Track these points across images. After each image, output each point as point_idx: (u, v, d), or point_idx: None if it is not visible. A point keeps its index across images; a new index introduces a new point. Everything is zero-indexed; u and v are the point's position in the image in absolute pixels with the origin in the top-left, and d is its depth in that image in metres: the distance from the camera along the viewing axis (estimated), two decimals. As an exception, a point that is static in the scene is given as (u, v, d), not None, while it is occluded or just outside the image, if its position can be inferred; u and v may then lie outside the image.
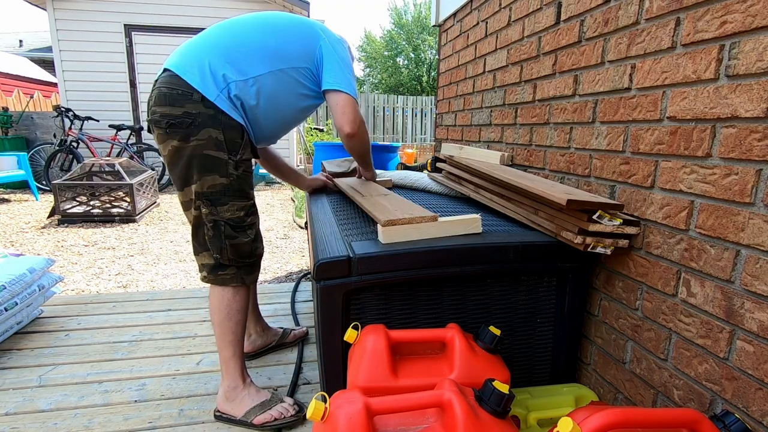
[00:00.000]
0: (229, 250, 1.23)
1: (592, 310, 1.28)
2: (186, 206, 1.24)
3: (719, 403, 0.88)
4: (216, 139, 1.17)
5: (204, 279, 1.27)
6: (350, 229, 1.24)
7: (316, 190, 1.85)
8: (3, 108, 6.25)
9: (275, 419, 1.27)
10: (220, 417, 1.30)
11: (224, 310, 1.26)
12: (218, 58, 1.18)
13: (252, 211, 1.28)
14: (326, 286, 1.02)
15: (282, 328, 1.77)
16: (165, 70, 1.20)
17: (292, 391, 1.46)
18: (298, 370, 1.58)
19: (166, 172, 5.92)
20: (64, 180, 4.10)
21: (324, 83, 1.28)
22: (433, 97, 10.80)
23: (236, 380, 1.29)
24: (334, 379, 1.09)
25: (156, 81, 1.21)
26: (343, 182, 1.75)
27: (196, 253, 1.26)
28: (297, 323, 1.97)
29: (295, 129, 7.24)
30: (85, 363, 1.62)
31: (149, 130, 1.24)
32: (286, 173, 1.70)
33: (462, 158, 1.76)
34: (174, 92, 1.15)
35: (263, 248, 1.34)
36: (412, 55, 18.70)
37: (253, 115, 1.25)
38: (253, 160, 1.36)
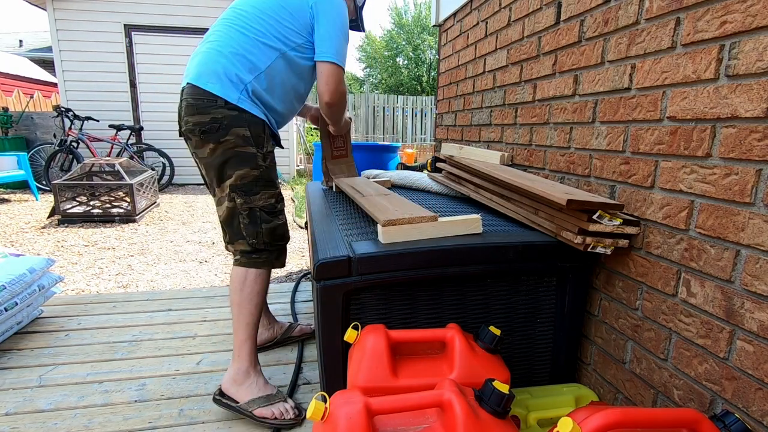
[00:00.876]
0: (264, 234, 1.32)
1: (592, 310, 1.28)
2: (219, 202, 1.33)
3: (719, 403, 0.88)
4: (243, 136, 1.27)
5: (237, 262, 1.34)
6: (350, 229, 1.24)
7: (316, 119, 1.75)
8: (3, 108, 6.25)
9: (275, 417, 1.27)
10: (220, 401, 1.30)
11: (245, 290, 1.31)
12: (230, 62, 1.26)
13: (280, 198, 1.37)
14: (326, 286, 1.02)
15: (289, 321, 1.79)
16: (187, 83, 1.29)
17: (292, 391, 1.46)
18: (298, 370, 1.58)
19: (166, 172, 5.94)
20: (64, 180, 4.09)
21: (315, 53, 1.33)
22: (433, 97, 10.80)
23: (248, 364, 1.31)
24: (334, 379, 1.09)
25: (182, 93, 1.31)
26: (343, 182, 1.74)
27: (231, 241, 1.35)
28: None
29: (295, 130, 7.24)
30: (85, 363, 1.62)
31: (186, 139, 1.33)
32: None
33: (462, 158, 1.76)
34: (200, 102, 1.25)
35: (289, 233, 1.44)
36: (412, 55, 18.69)
37: (271, 106, 1.34)
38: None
